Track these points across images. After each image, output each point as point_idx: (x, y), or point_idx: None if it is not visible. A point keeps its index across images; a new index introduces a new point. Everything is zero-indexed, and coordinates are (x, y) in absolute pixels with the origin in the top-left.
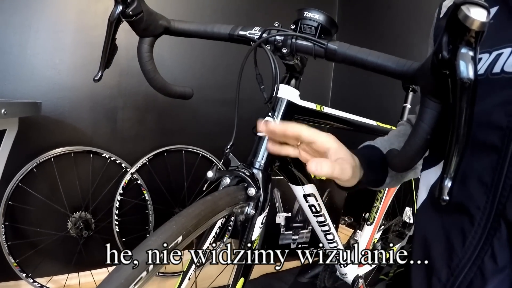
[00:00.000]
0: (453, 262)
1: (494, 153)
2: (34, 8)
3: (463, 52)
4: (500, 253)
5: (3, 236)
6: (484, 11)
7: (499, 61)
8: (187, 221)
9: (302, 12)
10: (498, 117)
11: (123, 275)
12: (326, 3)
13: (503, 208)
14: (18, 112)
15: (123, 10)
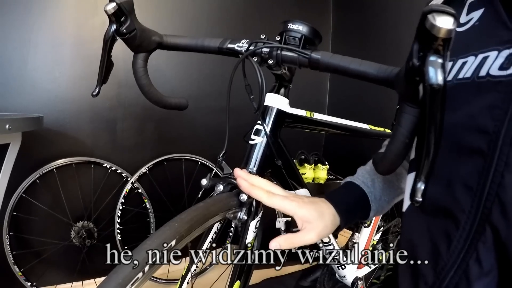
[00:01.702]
0: (439, 266)
1: (480, 157)
2: (33, 23)
3: (431, 59)
4: (485, 257)
5: (8, 246)
6: (450, 18)
7: (485, 65)
8: (180, 226)
9: (286, 24)
10: (485, 121)
11: (121, 276)
12: (320, 10)
13: (488, 212)
14: (21, 127)
15: (117, 29)
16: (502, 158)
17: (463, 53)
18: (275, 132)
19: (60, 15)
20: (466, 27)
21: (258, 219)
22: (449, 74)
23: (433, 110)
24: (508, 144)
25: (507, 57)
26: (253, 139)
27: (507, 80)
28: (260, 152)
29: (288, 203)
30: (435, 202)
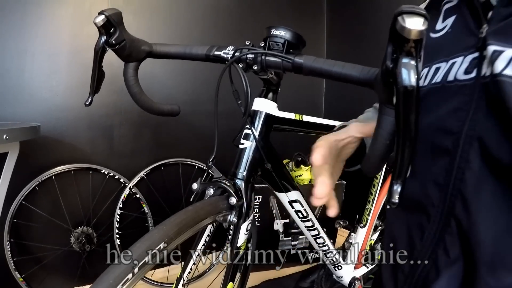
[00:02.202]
0: (413, 256)
1: (447, 156)
2: (29, 33)
3: (404, 61)
4: (451, 247)
5: (9, 253)
6: (420, 19)
7: (453, 70)
8: (168, 229)
9: (270, 30)
10: (451, 123)
11: (112, 276)
12: (314, 13)
13: (452, 206)
14: (18, 137)
15: (106, 40)
16: (464, 156)
17: (438, 59)
18: (264, 136)
19: (56, 24)
20: (441, 33)
21: (250, 221)
22: (425, 79)
23: (406, 111)
24: (468, 142)
25: (471, 62)
26: (243, 143)
27: (470, 83)
28: (250, 156)
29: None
30: (412, 198)
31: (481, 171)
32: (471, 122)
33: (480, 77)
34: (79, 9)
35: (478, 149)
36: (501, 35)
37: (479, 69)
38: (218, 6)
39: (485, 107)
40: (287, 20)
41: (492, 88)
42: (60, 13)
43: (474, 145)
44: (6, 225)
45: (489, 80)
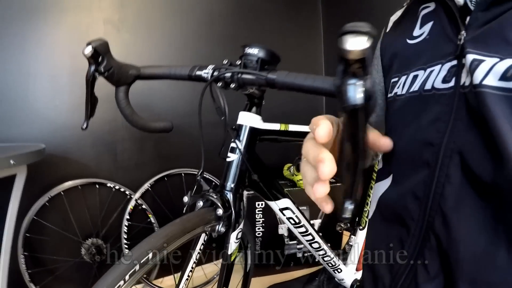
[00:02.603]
0: (394, 269)
1: (426, 169)
2: (30, 56)
3: (348, 82)
4: (431, 263)
5: (24, 265)
6: (362, 38)
7: (431, 78)
8: (156, 240)
9: (244, 49)
10: (430, 134)
11: (106, 283)
12: (309, 11)
13: (432, 221)
14: (25, 160)
15: (96, 68)
16: (443, 170)
17: (416, 67)
18: (250, 148)
19: (55, 46)
20: (419, 40)
21: (239, 230)
22: (403, 88)
23: (352, 130)
24: (448, 156)
25: (449, 70)
26: (229, 156)
27: (449, 93)
28: (236, 168)
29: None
30: (393, 209)
31: (461, 186)
32: (451, 134)
33: (459, 86)
34: (76, 31)
35: (458, 163)
36: (480, 42)
37: (458, 78)
38: (212, 13)
39: (465, 119)
40: (283, 21)
41: (472, 99)
42: (59, 35)
43: (454, 158)
44: (20, 239)
45: (468, 91)
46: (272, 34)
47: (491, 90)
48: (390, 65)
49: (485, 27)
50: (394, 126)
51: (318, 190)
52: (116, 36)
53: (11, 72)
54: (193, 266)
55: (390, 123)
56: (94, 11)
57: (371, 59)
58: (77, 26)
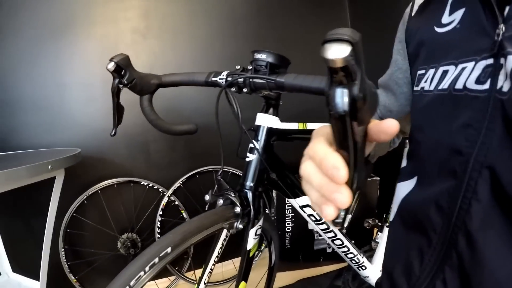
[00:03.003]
0: (411, 281)
1: (452, 178)
2: (64, 68)
3: (333, 89)
4: (451, 281)
5: (64, 258)
6: (342, 46)
7: (462, 76)
8: (174, 236)
9: (253, 54)
10: (459, 141)
11: (127, 273)
12: (335, 8)
13: (455, 237)
14: (62, 165)
15: (119, 81)
16: (471, 184)
17: (446, 60)
18: (268, 148)
19: (87, 58)
20: (448, 29)
21: (258, 226)
22: (431, 83)
23: (340, 136)
24: (477, 169)
25: (484, 69)
26: (248, 156)
27: (483, 96)
28: (255, 168)
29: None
30: (414, 217)
31: (490, 205)
32: (482, 146)
33: (496, 90)
34: (106, 41)
35: (488, 180)
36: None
37: (494, 80)
38: (235, 15)
39: (500, 130)
40: (308, 19)
41: (511, 110)
42: (89, 47)
43: (483, 174)
44: (61, 234)
45: (507, 98)
46: (297, 33)
47: None
48: (416, 53)
49: None
50: (420, 124)
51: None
52: (143, 43)
53: (48, 85)
54: (215, 260)
55: (416, 120)
56: (121, 21)
57: (355, 65)
58: (106, 37)
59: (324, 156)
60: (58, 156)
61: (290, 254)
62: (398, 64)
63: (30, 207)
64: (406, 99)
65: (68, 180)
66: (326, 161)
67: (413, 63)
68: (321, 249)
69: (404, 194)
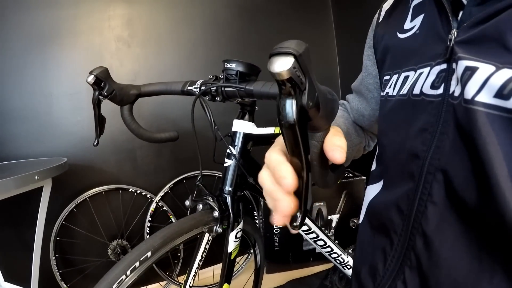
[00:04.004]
0: (376, 281)
1: (411, 182)
2: (51, 78)
3: (281, 100)
4: (411, 281)
5: (55, 266)
6: (286, 58)
7: (419, 81)
8: (154, 241)
9: (224, 64)
10: (416, 145)
11: (110, 276)
12: (319, 10)
13: (414, 239)
14: (49, 175)
15: (99, 93)
16: (427, 187)
17: (406, 66)
18: (245, 153)
19: (72, 67)
20: (409, 34)
21: (238, 229)
22: (394, 89)
23: (291, 146)
24: (432, 172)
25: (438, 74)
26: (226, 161)
27: (437, 101)
28: (233, 173)
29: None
30: (379, 217)
31: (444, 207)
32: (436, 149)
33: (448, 95)
34: (91, 50)
35: (442, 183)
36: (473, 45)
37: (447, 85)
38: (218, 21)
39: (452, 134)
40: (292, 23)
41: (462, 114)
42: (75, 57)
43: (437, 177)
44: (51, 243)
45: (457, 103)
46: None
47: (484, 109)
48: (383, 60)
49: (480, 27)
50: (384, 129)
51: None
52: (127, 51)
53: (35, 95)
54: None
55: (381, 124)
56: (105, 30)
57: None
58: (91, 46)
59: (276, 165)
60: (45, 166)
61: (279, 256)
62: (368, 69)
63: (21, 216)
64: (377, 103)
65: (57, 188)
66: (277, 170)
67: (380, 69)
68: (310, 249)
69: (371, 197)
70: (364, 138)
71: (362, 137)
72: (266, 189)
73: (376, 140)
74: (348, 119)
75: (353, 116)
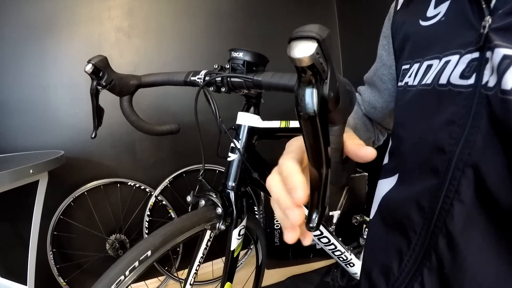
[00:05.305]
0: (390, 281)
1: (434, 178)
2: (49, 69)
3: (301, 89)
4: (429, 283)
5: (52, 261)
6: (308, 43)
7: (446, 70)
8: (154, 239)
9: (231, 53)
10: (442, 138)
11: (108, 277)
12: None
13: (436, 239)
14: (44, 168)
15: (98, 82)
16: (454, 184)
17: (429, 54)
18: (249, 147)
19: (71, 58)
20: (433, 22)
21: (242, 226)
22: (415, 78)
23: (310, 141)
24: (461, 168)
25: (469, 64)
26: (230, 156)
27: (467, 91)
28: (237, 168)
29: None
30: (394, 215)
31: (473, 206)
32: (466, 144)
33: (481, 86)
34: (90, 41)
35: (472, 180)
36: (511, 33)
37: (480, 75)
38: (220, 13)
39: (485, 128)
40: (294, 16)
41: (498, 106)
42: (74, 48)
43: (467, 173)
44: (48, 237)
45: (492, 94)
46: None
47: None
48: (401, 48)
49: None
50: (403, 120)
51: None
52: (127, 42)
53: (33, 86)
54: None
55: (398, 116)
56: (105, 21)
57: (323, 63)
58: (90, 37)
59: (289, 174)
60: (41, 159)
61: (279, 251)
62: (382, 59)
63: (17, 210)
64: (390, 95)
65: (54, 182)
66: (290, 180)
67: (398, 58)
68: (311, 245)
69: (384, 192)
70: (373, 133)
71: (371, 132)
72: (275, 195)
73: (385, 134)
74: (358, 113)
75: (364, 109)
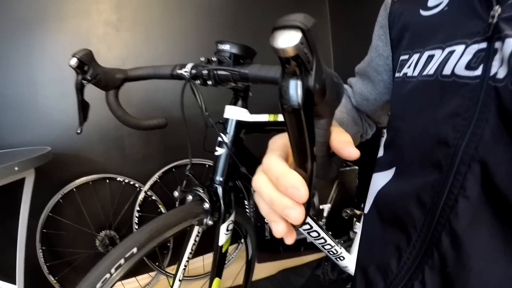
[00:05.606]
0: (388, 279)
1: (437, 172)
2: (36, 64)
3: (284, 80)
4: (430, 282)
5: (42, 259)
6: (292, 32)
7: (450, 61)
8: (140, 236)
9: (217, 45)
10: (446, 131)
11: (93, 276)
12: (315, 3)
13: (438, 236)
14: (30, 165)
15: (83, 77)
16: (459, 179)
17: (431, 44)
18: (237, 141)
19: (59, 53)
20: (435, 11)
21: (230, 221)
22: (415, 69)
23: (294, 134)
24: (466, 163)
25: (476, 54)
26: (217, 150)
27: (474, 83)
28: (225, 162)
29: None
30: (392, 211)
31: (479, 203)
32: (473, 137)
33: (489, 77)
34: (78, 35)
35: (479, 175)
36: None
37: (488, 66)
38: (210, 6)
39: (494, 121)
40: (285, 10)
41: (509, 99)
42: (61, 42)
43: (473, 168)
44: (37, 235)
45: (502, 86)
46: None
47: None
48: (399, 38)
49: None
50: (401, 112)
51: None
52: (115, 36)
53: (20, 82)
54: (188, 257)
55: (396, 107)
56: (93, 14)
57: (308, 54)
58: (78, 31)
59: (281, 173)
60: (27, 156)
61: (270, 245)
62: (378, 50)
63: (4, 208)
64: (385, 87)
65: (42, 179)
66: (284, 179)
67: (395, 49)
68: (302, 239)
69: (380, 186)
70: (362, 127)
71: (359, 126)
72: (267, 197)
73: (374, 128)
74: (347, 106)
75: (355, 101)
